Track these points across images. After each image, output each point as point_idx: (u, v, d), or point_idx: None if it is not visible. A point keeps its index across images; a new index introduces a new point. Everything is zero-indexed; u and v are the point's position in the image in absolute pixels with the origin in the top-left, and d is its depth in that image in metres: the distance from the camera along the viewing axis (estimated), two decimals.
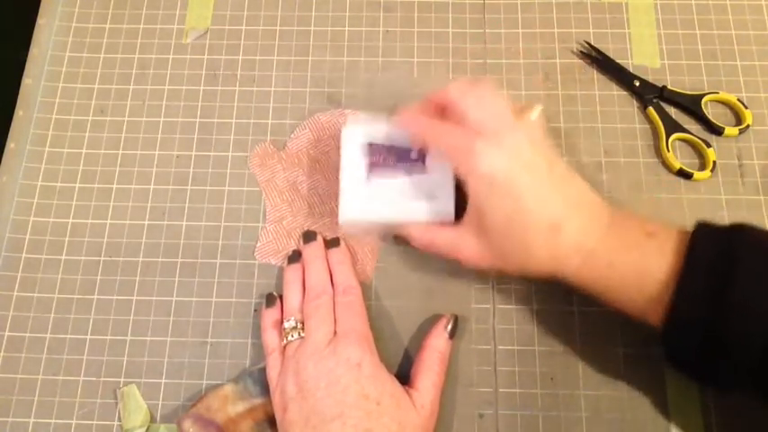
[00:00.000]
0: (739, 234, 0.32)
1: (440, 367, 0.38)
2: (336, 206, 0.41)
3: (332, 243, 0.42)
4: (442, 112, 0.37)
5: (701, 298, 0.31)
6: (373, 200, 0.40)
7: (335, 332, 0.37)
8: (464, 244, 0.37)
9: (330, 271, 0.40)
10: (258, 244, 0.43)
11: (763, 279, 0.30)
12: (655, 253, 0.33)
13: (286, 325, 0.38)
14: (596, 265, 0.34)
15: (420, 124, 0.38)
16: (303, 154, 0.45)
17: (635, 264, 0.33)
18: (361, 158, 0.40)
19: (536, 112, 0.38)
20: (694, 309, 0.31)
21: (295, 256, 0.41)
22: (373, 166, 0.40)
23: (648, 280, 0.33)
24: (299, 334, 0.37)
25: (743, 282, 0.30)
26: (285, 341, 0.37)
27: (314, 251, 0.41)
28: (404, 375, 0.39)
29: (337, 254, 0.41)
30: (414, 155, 0.40)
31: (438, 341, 0.38)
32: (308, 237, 0.42)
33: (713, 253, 0.31)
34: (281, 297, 0.40)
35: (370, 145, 0.41)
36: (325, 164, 0.44)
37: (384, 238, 0.43)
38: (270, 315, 0.39)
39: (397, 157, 0.40)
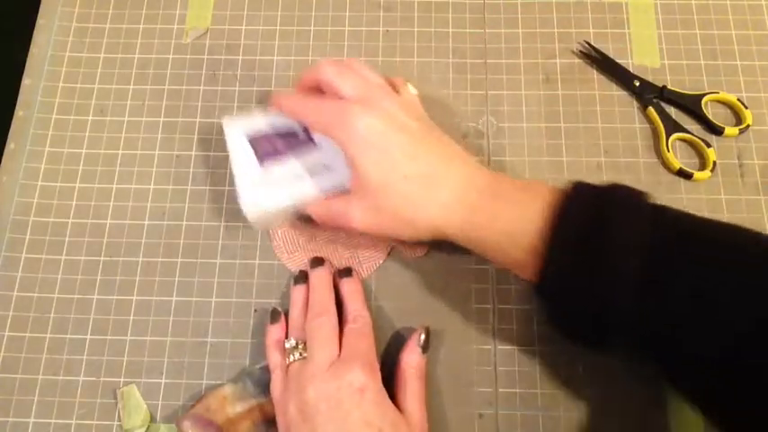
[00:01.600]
0: (612, 188, 0.33)
1: (419, 383, 0.37)
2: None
3: (344, 273, 0.41)
4: (318, 92, 0.38)
5: (573, 245, 0.31)
6: (272, 187, 0.39)
7: (339, 355, 0.36)
8: (353, 211, 0.36)
9: (341, 300, 0.39)
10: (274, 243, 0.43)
11: (630, 221, 0.31)
12: (531, 206, 0.33)
13: (287, 345, 0.37)
14: (476, 216, 0.34)
15: (292, 103, 0.38)
16: None
17: (509, 215, 0.34)
18: (250, 152, 0.40)
19: (411, 87, 0.40)
20: (567, 255, 0.31)
21: (301, 277, 0.41)
22: (264, 156, 0.40)
23: (520, 231, 0.33)
24: (301, 354, 0.36)
25: (613, 228, 0.30)
26: (287, 361, 0.37)
27: (319, 275, 0.40)
28: None
29: (349, 284, 0.40)
30: (301, 135, 0.40)
31: (412, 357, 0.37)
32: (316, 262, 0.41)
33: (587, 204, 0.32)
34: (286, 313, 0.40)
35: (254, 139, 0.40)
36: None
37: (294, 223, 0.42)
38: (273, 332, 0.39)
39: (284, 141, 0.40)
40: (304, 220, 0.42)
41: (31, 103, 0.47)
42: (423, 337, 0.38)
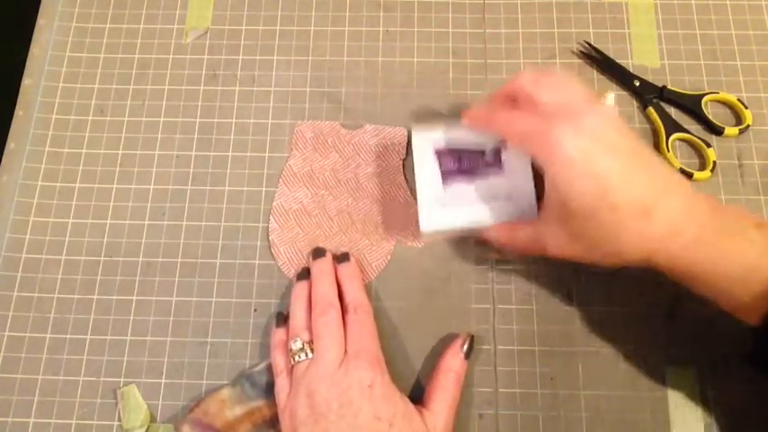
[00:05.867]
0: None
1: (454, 387, 0.37)
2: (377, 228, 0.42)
3: (341, 258, 0.41)
4: (513, 105, 0.36)
5: None
6: (452, 207, 0.39)
7: (346, 351, 0.36)
8: (548, 236, 0.35)
9: (339, 287, 0.39)
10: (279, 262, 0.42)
11: None
12: (765, 246, 0.31)
13: (293, 346, 0.37)
14: (699, 251, 0.32)
15: (490, 117, 0.36)
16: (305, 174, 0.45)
17: (742, 254, 0.31)
18: (435, 166, 0.40)
19: (611, 98, 0.37)
20: None
21: (303, 274, 0.40)
22: (448, 174, 0.39)
23: (756, 275, 0.31)
24: (307, 355, 0.36)
25: None
26: (293, 362, 0.36)
27: (321, 266, 0.40)
28: (401, 375, 0.39)
29: (347, 268, 0.40)
30: (488, 156, 0.39)
31: (453, 361, 0.38)
32: (317, 253, 0.41)
33: None
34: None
35: (440, 152, 0.40)
36: (321, 180, 0.44)
37: (464, 241, 0.42)
38: (278, 335, 0.39)
39: (470, 160, 0.39)
40: (474, 242, 0.42)
41: (31, 103, 0.47)
42: (467, 344, 0.38)
